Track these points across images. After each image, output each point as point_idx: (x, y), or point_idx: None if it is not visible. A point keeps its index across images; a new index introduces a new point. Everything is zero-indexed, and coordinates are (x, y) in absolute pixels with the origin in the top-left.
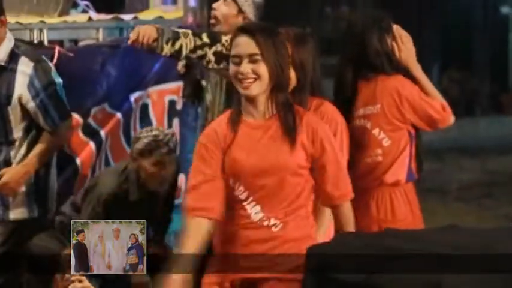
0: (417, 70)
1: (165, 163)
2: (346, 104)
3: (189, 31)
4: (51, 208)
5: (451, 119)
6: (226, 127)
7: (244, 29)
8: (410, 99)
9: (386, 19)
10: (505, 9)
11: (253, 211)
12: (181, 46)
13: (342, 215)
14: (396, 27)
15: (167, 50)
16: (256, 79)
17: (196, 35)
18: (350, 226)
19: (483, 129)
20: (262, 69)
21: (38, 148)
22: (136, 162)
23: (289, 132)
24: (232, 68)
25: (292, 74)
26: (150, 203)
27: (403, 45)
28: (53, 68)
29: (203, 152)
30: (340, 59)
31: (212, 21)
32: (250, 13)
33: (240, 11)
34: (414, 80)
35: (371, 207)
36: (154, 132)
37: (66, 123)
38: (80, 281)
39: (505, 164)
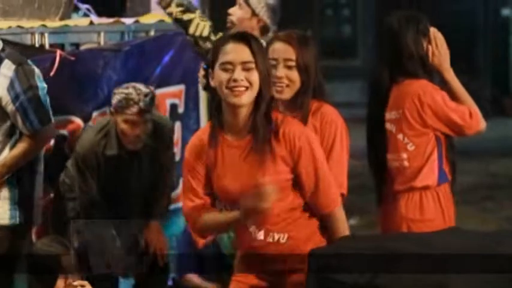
0: (449, 74)
1: (136, 122)
2: (379, 108)
3: (207, 20)
4: (37, 216)
5: (480, 126)
6: (206, 142)
7: (238, 37)
8: (432, 105)
9: (423, 20)
10: (506, 12)
11: (253, 231)
12: (190, 21)
13: (332, 223)
14: (433, 30)
15: (173, 10)
16: (247, 88)
17: (212, 32)
18: (342, 233)
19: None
20: (255, 77)
21: (14, 151)
22: (112, 117)
23: (267, 149)
24: (222, 75)
25: (296, 77)
26: (131, 163)
27: (437, 49)
28: (37, 72)
29: (190, 168)
30: (377, 61)
31: (228, 25)
32: (265, 16)
33: (254, 13)
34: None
35: (401, 208)
36: (128, 90)
37: (46, 129)
38: (83, 286)
39: (508, 167)
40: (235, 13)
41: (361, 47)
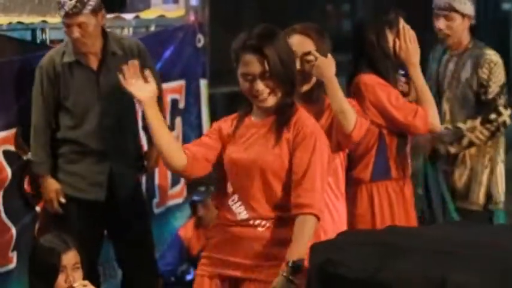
0: (414, 70)
1: (69, 25)
2: None
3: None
4: None
5: (426, 127)
6: (230, 124)
7: (252, 48)
8: (373, 100)
9: (392, 13)
10: (506, 6)
11: (238, 211)
12: None
13: (297, 229)
14: (403, 25)
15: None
16: (270, 93)
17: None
18: (300, 244)
19: None
20: (275, 83)
21: None
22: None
23: (277, 129)
24: (245, 85)
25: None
26: (89, 78)
27: (406, 43)
28: None
29: (208, 133)
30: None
31: (441, 37)
32: (471, 11)
33: (464, 15)
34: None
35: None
36: None
37: None
38: (85, 286)
39: (510, 161)
40: (449, 26)
41: None
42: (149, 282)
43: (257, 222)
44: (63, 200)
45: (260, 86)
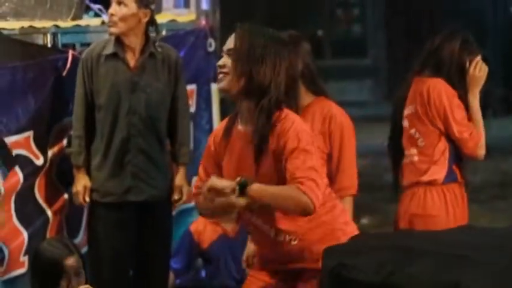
0: (473, 99)
1: (126, 5)
2: (400, 104)
3: None
4: None
5: (476, 150)
6: (222, 133)
7: (236, 26)
8: (436, 102)
9: (475, 45)
10: None
11: (266, 229)
12: None
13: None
14: (479, 58)
15: None
16: (226, 73)
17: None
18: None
19: (495, 130)
20: (234, 65)
21: None
22: None
23: (259, 140)
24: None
25: None
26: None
27: (475, 71)
28: None
29: (206, 150)
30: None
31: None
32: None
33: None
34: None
35: (405, 203)
36: None
37: None
38: None
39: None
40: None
41: (371, 46)
42: (162, 277)
43: (288, 238)
44: (87, 199)
45: (222, 60)
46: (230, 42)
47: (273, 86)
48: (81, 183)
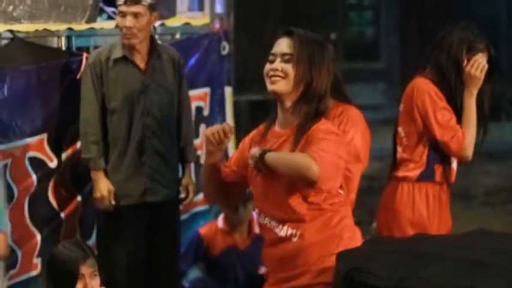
0: (469, 100)
1: (124, 13)
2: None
3: None
4: None
5: (459, 152)
6: (260, 134)
7: (286, 31)
8: (419, 103)
9: (484, 42)
10: None
11: (268, 222)
12: None
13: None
14: (479, 55)
15: None
16: (284, 78)
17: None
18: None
19: (508, 134)
20: (291, 69)
21: None
22: None
23: (294, 140)
24: (267, 66)
25: None
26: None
27: (474, 70)
28: None
29: (240, 145)
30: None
31: None
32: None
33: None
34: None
35: (383, 197)
36: None
37: None
38: None
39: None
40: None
41: (385, 49)
42: (172, 276)
43: (289, 232)
44: (113, 202)
45: (278, 65)
46: (284, 47)
47: (327, 93)
48: (105, 187)
